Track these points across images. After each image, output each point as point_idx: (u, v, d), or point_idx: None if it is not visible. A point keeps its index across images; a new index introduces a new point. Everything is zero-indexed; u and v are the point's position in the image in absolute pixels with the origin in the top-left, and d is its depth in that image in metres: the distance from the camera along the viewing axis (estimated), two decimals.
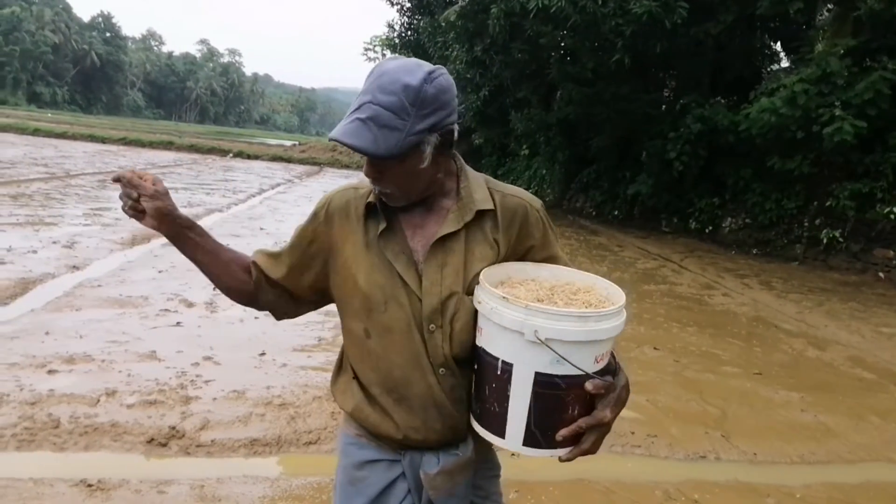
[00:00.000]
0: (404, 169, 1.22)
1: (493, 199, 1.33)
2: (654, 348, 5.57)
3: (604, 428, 1.17)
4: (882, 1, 10.13)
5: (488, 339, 1.21)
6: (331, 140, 1.21)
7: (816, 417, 4.33)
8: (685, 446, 3.73)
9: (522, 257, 1.36)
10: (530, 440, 1.18)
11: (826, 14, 12.44)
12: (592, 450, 1.19)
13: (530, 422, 1.17)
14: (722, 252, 12.56)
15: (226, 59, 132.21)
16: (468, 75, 16.81)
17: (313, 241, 1.38)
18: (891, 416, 4.47)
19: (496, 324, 1.16)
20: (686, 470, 3.49)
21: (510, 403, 1.18)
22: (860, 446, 3.95)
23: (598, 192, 17.96)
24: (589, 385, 1.14)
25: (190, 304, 5.58)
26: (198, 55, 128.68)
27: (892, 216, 10.33)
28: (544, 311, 1.12)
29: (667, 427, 3.95)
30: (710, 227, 13.98)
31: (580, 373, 1.14)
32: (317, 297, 1.44)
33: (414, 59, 1.24)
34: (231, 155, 30.50)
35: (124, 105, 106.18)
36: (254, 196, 15.01)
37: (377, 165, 1.23)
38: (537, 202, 1.39)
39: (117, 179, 1.29)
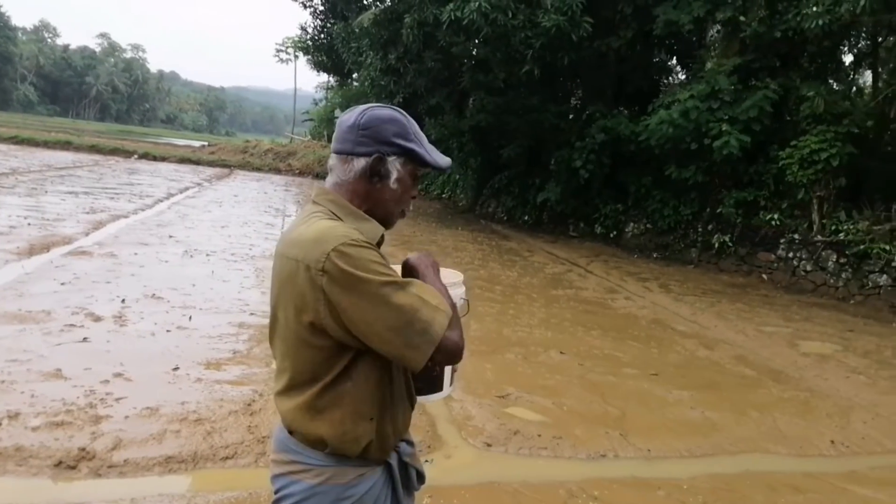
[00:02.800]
0: None
1: None
2: (561, 352, 5.87)
3: None
4: (763, 24, 11.01)
5: None
6: (444, 171, 1.49)
7: (703, 414, 4.72)
8: (587, 446, 3.99)
9: None
10: (452, 379, 1.66)
11: (715, 34, 13.33)
12: None
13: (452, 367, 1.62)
14: (625, 256, 13.23)
15: (128, 55, 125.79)
16: (382, 82, 16.93)
17: None
18: (767, 409, 4.93)
19: None
20: (588, 469, 3.74)
21: None
22: (741, 439, 4.35)
23: (509, 197, 18.49)
24: None
25: (97, 318, 5.38)
26: (97, 49, 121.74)
27: (773, 222, 11.27)
28: (460, 283, 1.63)
29: (571, 429, 4.21)
30: (615, 232, 14.70)
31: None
32: None
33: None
34: (136, 156, 29.21)
35: (14, 100, 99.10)
36: (161, 201, 14.47)
37: None
38: None
39: None
